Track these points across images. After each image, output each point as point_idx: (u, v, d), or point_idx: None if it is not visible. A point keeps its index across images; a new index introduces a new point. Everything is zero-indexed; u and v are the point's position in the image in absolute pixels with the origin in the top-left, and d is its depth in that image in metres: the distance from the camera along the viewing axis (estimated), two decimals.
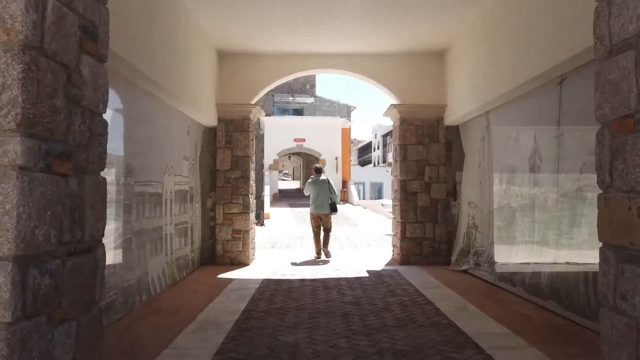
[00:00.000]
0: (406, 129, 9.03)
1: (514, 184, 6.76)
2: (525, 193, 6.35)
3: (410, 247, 8.92)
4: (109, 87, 2.72)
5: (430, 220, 8.95)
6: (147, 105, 6.15)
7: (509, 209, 6.86)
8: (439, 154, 9.00)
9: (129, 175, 5.50)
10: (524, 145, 6.39)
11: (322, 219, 9.67)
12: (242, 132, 8.98)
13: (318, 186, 9.74)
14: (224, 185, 8.94)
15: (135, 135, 5.72)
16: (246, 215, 8.92)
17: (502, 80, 6.40)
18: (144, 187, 6.08)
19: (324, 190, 9.69)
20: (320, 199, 9.68)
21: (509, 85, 6.23)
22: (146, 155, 6.14)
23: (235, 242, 8.89)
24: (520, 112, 6.49)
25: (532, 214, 6.12)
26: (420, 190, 8.98)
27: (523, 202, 6.41)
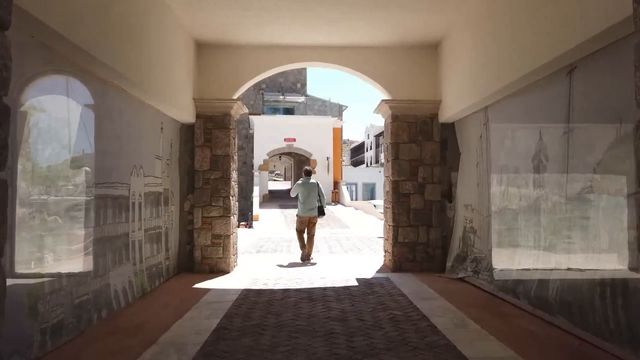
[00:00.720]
0: (398, 126, 8.44)
1: (516, 186, 6.19)
2: (529, 195, 5.78)
3: (402, 252, 8.33)
4: (10, 63, 2.09)
5: (424, 223, 8.37)
6: (111, 98, 5.51)
7: (510, 212, 6.29)
8: (433, 153, 8.42)
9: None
10: (527, 143, 5.82)
11: (310, 221, 9.63)
12: (222, 130, 8.35)
13: (307, 189, 9.67)
14: (203, 186, 8.30)
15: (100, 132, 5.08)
16: (227, 219, 8.28)
17: (503, 72, 5.82)
18: (107, 189, 5.44)
19: (312, 193, 9.66)
20: (309, 201, 9.63)
21: (510, 77, 5.65)
22: (109, 154, 5.50)
23: (214, 248, 8.25)
24: (524, 106, 5.91)
25: (537, 218, 5.55)
26: (414, 192, 8.40)
27: (526, 205, 5.84)
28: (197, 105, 8.28)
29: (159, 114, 7.16)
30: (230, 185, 8.33)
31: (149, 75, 6.11)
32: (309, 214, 9.63)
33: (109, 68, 4.89)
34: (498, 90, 6.12)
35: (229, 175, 8.33)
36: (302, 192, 9.64)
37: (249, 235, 15.43)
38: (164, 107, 7.13)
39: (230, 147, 8.41)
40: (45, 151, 4.17)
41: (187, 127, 8.41)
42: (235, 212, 8.83)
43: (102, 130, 5.31)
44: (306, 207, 9.63)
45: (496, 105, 6.66)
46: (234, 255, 8.65)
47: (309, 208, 9.62)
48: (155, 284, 6.96)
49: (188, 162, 8.42)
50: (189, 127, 8.41)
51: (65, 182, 4.52)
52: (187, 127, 8.41)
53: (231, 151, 8.43)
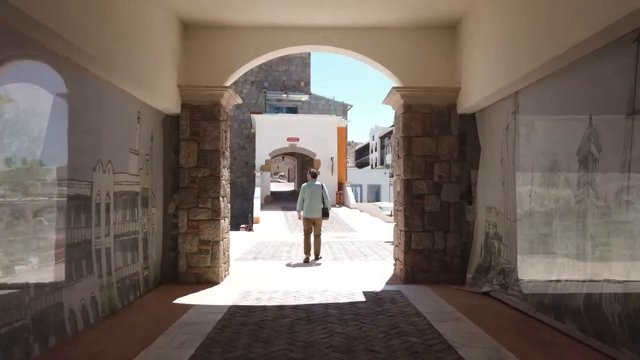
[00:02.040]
0: (411, 117, 7.42)
1: (553, 184, 5.16)
2: (570, 194, 4.74)
3: (416, 261, 7.29)
4: None
5: (440, 228, 7.34)
6: (67, 77, 4.53)
7: (545, 216, 5.25)
8: (451, 148, 7.39)
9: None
10: (570, 132, 4.78)
11: (315, 222, 9.76)
12: (211, 121, 7.35)
13: (312, 190, 9.83)
14: (189, 185, 7.30)
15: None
16: (216, 222, 7.28)
17: (542, 47, 4.80)
18: (61, 188, 4.46)
19: (317, 194, 9.79)
20: (313, 203, 9.75)
21: (552, 52, 4.62)
22: (64, 145, 4.53)
23: (202, 255, 7.25)
24: (568, 87, 4.88)
25: (583, 222, 4.52)
26: (429, 192, 7.36)
27: (567, 207, 4.81)
28: (183, 94, 7.29)
29: (134, 101, 6.18)
30: (219, 184, 7.33)
31: (117, 53, 5.13)
32: (312, 215, 9.74)
33: (64, 40, 3.93)
34: (534, 70, 5.09)
35: (218, 173, 7.33)
36: (307, 194, 9.80)
37: (247, 239, 14.44)
38: (141, 94, 6.15)
39: (221, 141, 7.41)
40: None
41: (171, 118, 7.43)
42: (226, 215, 7.83)
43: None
44: (310, 208, 9.75)
45: (530, 89, 5.63)
46: (224, 264, 7.65)
47: (313, 209, 9.74)
48: (129, 299, 5.96)
49: (173, 157, 7.43)
50: (173, 118, 7.42)
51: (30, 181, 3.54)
52: (171, 118, 7.43)
53: (221, 146, 7.44)
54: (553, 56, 4.64)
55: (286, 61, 32.73)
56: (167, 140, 7.45)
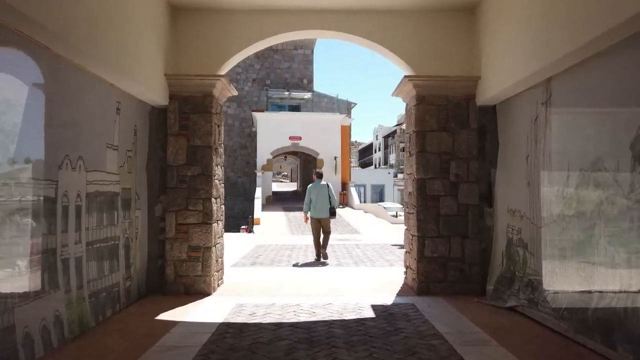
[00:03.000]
0: (425, 110, 6.66)
1: (595, 184, 4.40)
2: (620, 197, 3.99)
3: (430, 270, 6.54)
4: None
5: (457, 233, 6.58)
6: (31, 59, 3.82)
7: (585, 221, 4.50)
8: (469, 144, 6.64)
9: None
10: (621, 125, 4.03)
11: (322, 222, 9.79)
12: (202, 114, 6.62)
13: (318, 191, 9.86)
14: (178, 185, 6.57)
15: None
16: (207, 227, 6.54)
17: (585, 24, 4.04)
18: (14, 188, 3.73)
19: (323, 195, 9.81)
20: (320, 203, 9.78)
21: (599, 29, 3.86)
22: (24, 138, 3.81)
23: (191, 263, 6.51)
24: (616, 70, 4.13)
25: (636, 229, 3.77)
26: (444, 193, 6.61)
27: (615, 210, 4.06)
28: (171, 84, 6.56)
29: (112, 90, 5.45)
30: (211, 184, 6.60)
31: (94, 37, 4.43)
32: (319, 215, 9.78)
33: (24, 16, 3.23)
34: (573, 51, 4.34)
35: (210, 171, 6.60)
36: (314, 194, 9.82)
37: (246, 241, 13.72)
38: (122, 82, 5.43)
39: (213, 136, 6.68)
40: None
41: (159, 111, 6.70)
42: (220, 218, 7.10)
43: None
44: (317, 208, 9.78)
45: (566, 75, 4.86)
46: (217, 272, 6.91)
47: (320, 209, 9.77)
48: (105, 315, 5.24)
49: (160, 154, 6.71)
50: (161, 111, 6.69)
51: None
52: (159, 111, 6.70)
53: (214, 141, 6.70)
54: (599, 33, 3.89)
55: (288, 58, 32.01)
56: (154, 135, 6.72)
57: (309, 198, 9.87)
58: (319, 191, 9.83)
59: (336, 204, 10.10)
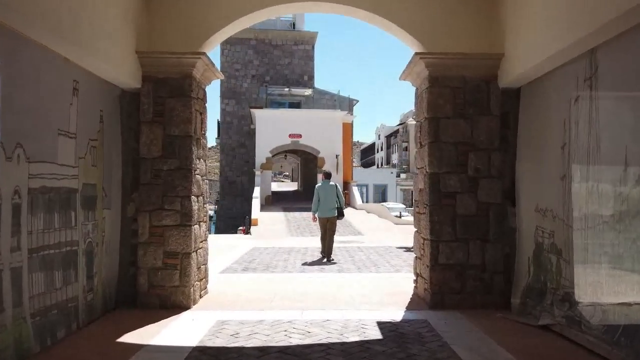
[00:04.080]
0: (439, 93, 5.74)
1: None
2: None
3: (446, 279, 5.62)
4: None
5: (477, 237, 5.66)
6: None
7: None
8: (490, 132, 5.72)
9: None
10: None
11: (329, 221, 9.80)
12: (181, 99, 5.71)
13: (326, 191, 9.86)
14: (152, 181, 5.67)
15: None
16: (186, 229, 5.64)
17: None
18: None
19: (331, 194, 9.83)
20: (328, 203, 9.80)
21: None
22: None
23: (168, 271, 5.61)
24: None
25: None
26: (461, 190, 5.69)
27: None
28: (144, 62, 5.66)
29: (67, 65, 4.55)
30: (191, 179, 5.69)
31: None
32: (326, 215, 9.78)
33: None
34: (627, 12, 3.43)
35: (189, 165, 5.69)
36: (322, 194, 9.81)
37: (242, 244, 12.81)
38: (79, 56, 4.54)
39: (193, 124, 5.77)
40: None
41: (132, 95, 5.81)
42: (202, 219, 6.19)
43: None
44: (324, 208, 9.79)
45: (618, 44, 3.94)
46: (199, 281, 6.01)
47: (327, 209, 9.78)
48: (56, 336, 4.33)
49: (134, 146, 5.81)
50: (134, 95, 5.79)
51: None
52: (132, 95, 5.81)
53: (194, 130, 5.80)
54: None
55: (288, 54, 31.11)
56: (125, 123, 5.83)
57: (317, 197, 9.83)
58: (327, 191, 9.84)
59: (343, 204, 10.21)
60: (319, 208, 9.83)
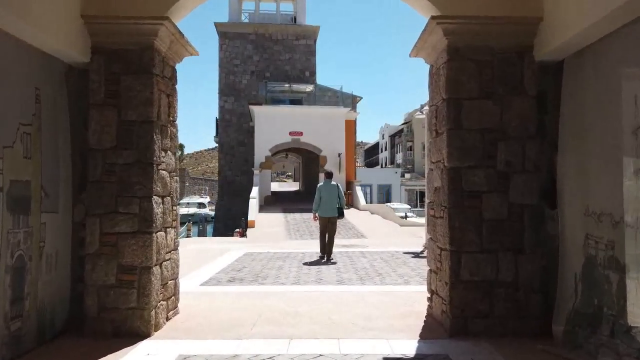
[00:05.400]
0: (460, 68, 4.62)
1: None
2: None
3: (470, 299, 4.50)
4: None
5: (508, 246, 4.54)
6: None
7: None
8: (524, 116, 4.60)
9: None
10: None
11: (329, 221, 9.85)
12: (140, 76, 4.61)
13: (328, 190, 9.90)
14: (103, 178, 4.57)
15: None
16: (146, 237, 4.53)
17: None
18: None
19: (333, 194, 9.85)
20: (329, 202, 9.82)
21: None
22: None
23: (122, 290, 4.50)
24: None
25: None
26: (489, 189, 4.57)
27: None
28: (94, 30, 4.56)
29: None
30: (152, 176, 4.59)
31: None
32: (327, 215, 9.81)
33: None
34: None
35: (150, 158, 4.59)
36: (324, 193, 9.85)
37: (234, 249, 11.70)
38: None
39: (156, 107, 4.67)
40: None
41: (80, 71, 4.71)
42: (170, 225, 5.08)
43: None
44: (325, 207, 9.81)
45: None
46: (165, 301, 4.90)
47: (328, 208, 9.79)
48: None
49: (82, 133, 4.72)
50: (83, 71, 4.70)
51: None
52: (80, 71, 4.71)
53: (156, 115, 4.69)
54: None
55: (289, 49, 30.03)
56: (74, 107, 4.74)
57: (318, 196, 9.87)
58: (329, 191, 9.87)
59: (344, 204, 10.25)
60: (320, 207, 9.84)
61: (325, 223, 9.83)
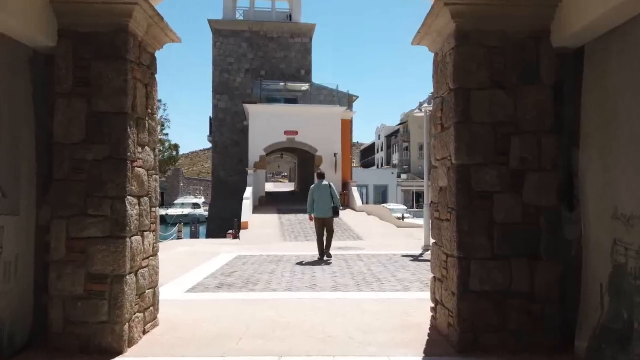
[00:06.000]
0: (470, 54, 4.16)
1: None
2: None
3: (480, 311, 4.04)
4: None
5: (522, 252, 4.09)
6: None
7: None
8: (540, 108, 4.15)
9: None
10: None
11: (325, 222, 9.84)
12: (112, 61, 4.13)
13: (320, 191, 9.89)
14: (70, 176, 4.08)
15: None
16: (118, 242, 4.04)
17: None
18: None
19: (326, 194, 9.85)
20: (323, 203, 9.82)
21: None
22: None
23: (92, 302, 4.01)
24: None
25: None
26: (501, 189, 4.11)
27: None
28: (60, 10, 4.07)
29: None
30: (125, 173, 4.10)
31: None
32: (322, 215, 9.81)
33: None
34: None
35: (124, 153, 4.10)
36: (316, 194, 9.87)
37: (225, 251, 11.21)
38: None
39: (130, 97, 4.19)
40: None
41: (46, 57, 4.22)
42: (147, 228, 4.60)
43: None
44: (320, 208, 9.81)
45: None
46: (141, 312, 4.42)
47: (323, 209, 9.80)
48: None
49: (48, 126, 4.22)
50: (49, 57, 4.20)
51: None
52: (46, 57, 4.22)
53: (132, 106, 4.21)
54: None
55: (285, 47, 29.53)
56: (39, 97, 4.24)
57: (311, 198, 9.91)
58: (321, 191, 9.87)
59: (339, 203, 10.18)
60: (315, 208, 9.86)
61: (321, 224, 9.84)
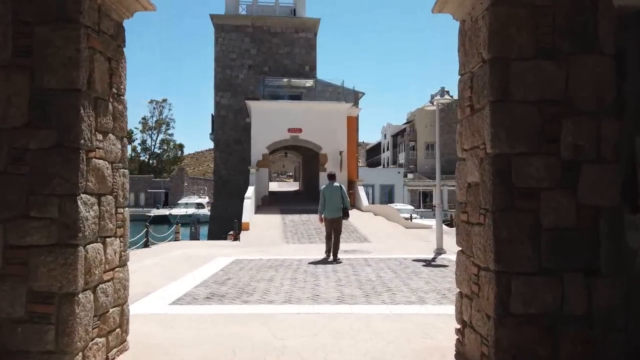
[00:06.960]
0: (509, 16, 3.31)
1: None
2: None
3: (524, 339, 3.19)
4: None
5: (577, 265, 3.23)
6: None
7: None
8: (599, 83, 3.29)
9: None
10: None
11: (335, 222, 9.92)
12: (61, 26, 3.30)
13: (331, 192, 10.01)
14: (8, 169, 3.26)
15: None
16: (68, 252, 3.22)
17: None
18: None
19: (336, 196, 9.99)
20: (334, 204, 9.94)
21: None
22: None
23: (35, 327, 3.19)
24: None
25: None
26: (550, 185, 3.26)
27: None
28: None
29: None
30: (78, 165, 3.28)
31: None
32: (332, 216, 9.91)
33: None
34: None
35: (76, 140, 3.28)
36: (327, 195, 9.99)
37: (222, 255, 10.41)
38: None
39: (85, 70, 3.36)
40: None
41: None
42: (112, 234, 3.78)
43: None
44: (330, 208, 9.93)
45: None
46: (103, 338, 3.60)
47: (333, 210, 9.91)
48: None
49: None
50: None
51: None
52: None
53: (87, 83, 3.39)
54: None
55: (288, 43, 28.71)
56: None
57: (323, 199, 10.03)
58: (333, 192, 10.02)
59: (349, 205, 10.38)
60: (325, 209, 9.97)
61: (331, 224, 9.92)
